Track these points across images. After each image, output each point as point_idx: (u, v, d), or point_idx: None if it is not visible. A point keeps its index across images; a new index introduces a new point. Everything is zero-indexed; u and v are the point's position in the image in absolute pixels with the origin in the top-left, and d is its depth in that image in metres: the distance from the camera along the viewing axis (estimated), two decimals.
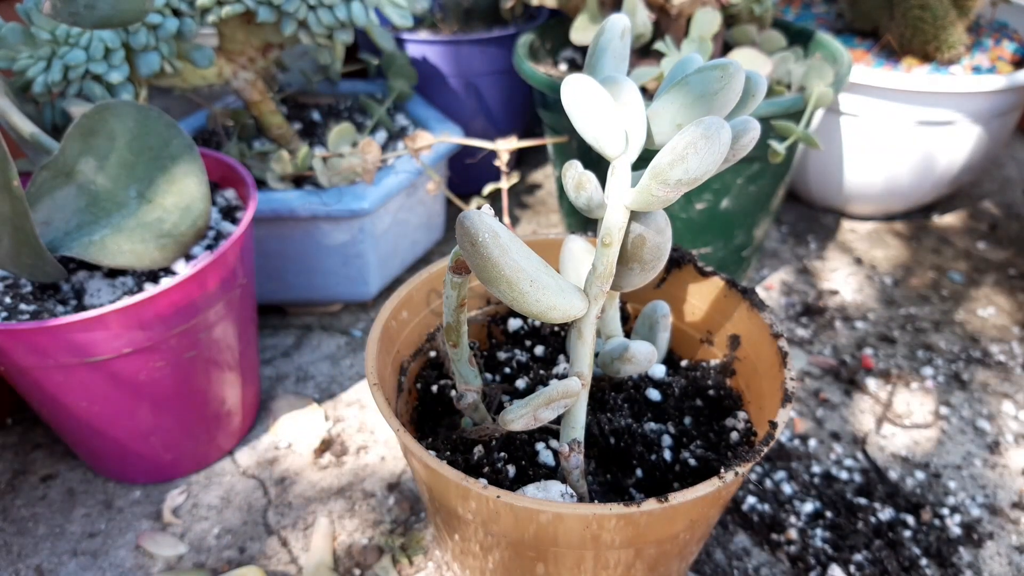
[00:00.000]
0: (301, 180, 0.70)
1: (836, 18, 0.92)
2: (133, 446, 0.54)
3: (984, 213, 0.93)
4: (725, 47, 0.73)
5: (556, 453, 0.36)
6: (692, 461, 0.38)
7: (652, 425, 0.41)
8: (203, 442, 0.58)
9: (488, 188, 0.75)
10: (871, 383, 0.67)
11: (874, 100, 0.79)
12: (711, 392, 0.43)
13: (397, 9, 0.65)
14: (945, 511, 0.55)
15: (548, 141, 0.73)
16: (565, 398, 0.32)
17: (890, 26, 0.83)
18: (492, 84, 0.86)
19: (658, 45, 0.66)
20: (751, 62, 0.67)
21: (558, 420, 0.36)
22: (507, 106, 0.88)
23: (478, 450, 0.37)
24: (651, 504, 0.32)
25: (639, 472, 0.39)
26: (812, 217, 0.92)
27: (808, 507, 0.55)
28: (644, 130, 0.30)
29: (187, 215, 0.50)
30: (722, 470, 0.33)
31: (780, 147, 0.61)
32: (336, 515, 0.55)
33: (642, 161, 0.33)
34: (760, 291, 0.79)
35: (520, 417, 0.31)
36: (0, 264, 0.46)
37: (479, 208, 0.83)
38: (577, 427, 0.34)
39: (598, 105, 0.28)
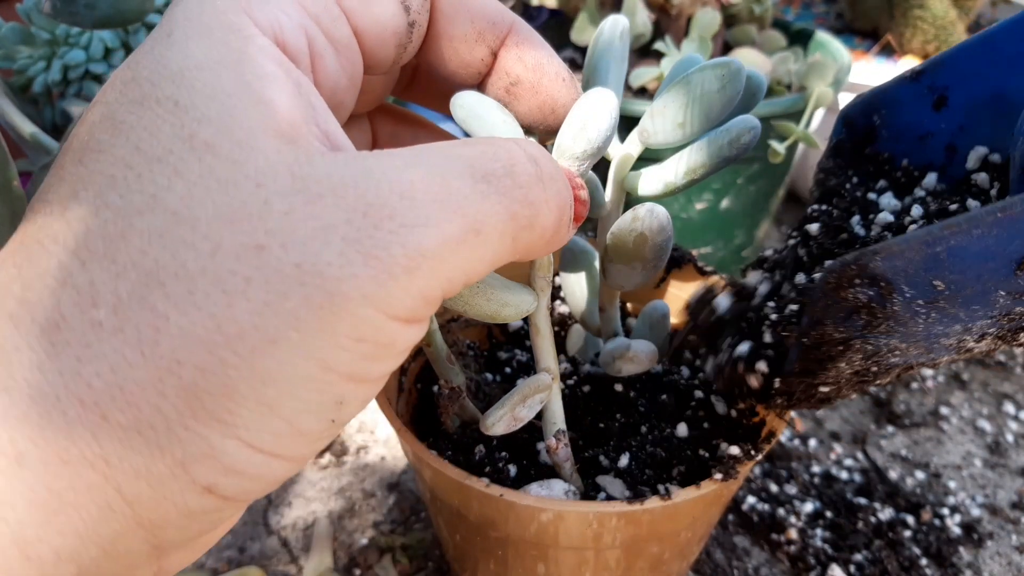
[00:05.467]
0: None
1: (836, 18, 0.93)
2: None
3: None
4: (725, 47, 0.73)
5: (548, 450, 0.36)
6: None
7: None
8: None
9: None
10: None
11: None
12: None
13: None
14: (945, 511, 0.55)
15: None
16: (538, 392, 0.32)
17: (890, 26, 0.83)
18: None
19: (658, 45, 0.66)
20: (751, 62, 0.67)
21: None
22: None
23: (479, 449, 0.37)
24: (653, 502, 0.32)
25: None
26: None
27: (808, 507, 0.55)
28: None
29: None
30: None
31: (780, 147, 0.61)
32: (336, 515, 0.55)
33: (642, 160, 0.33)
34: None
35: (500, 419, 0.31)
36: None
37: None
38: (557, 420, 0.34)
39: (492, 116, 0.27)
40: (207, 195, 0.17)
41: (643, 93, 0.69)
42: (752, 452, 0.35)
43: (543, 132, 0.28)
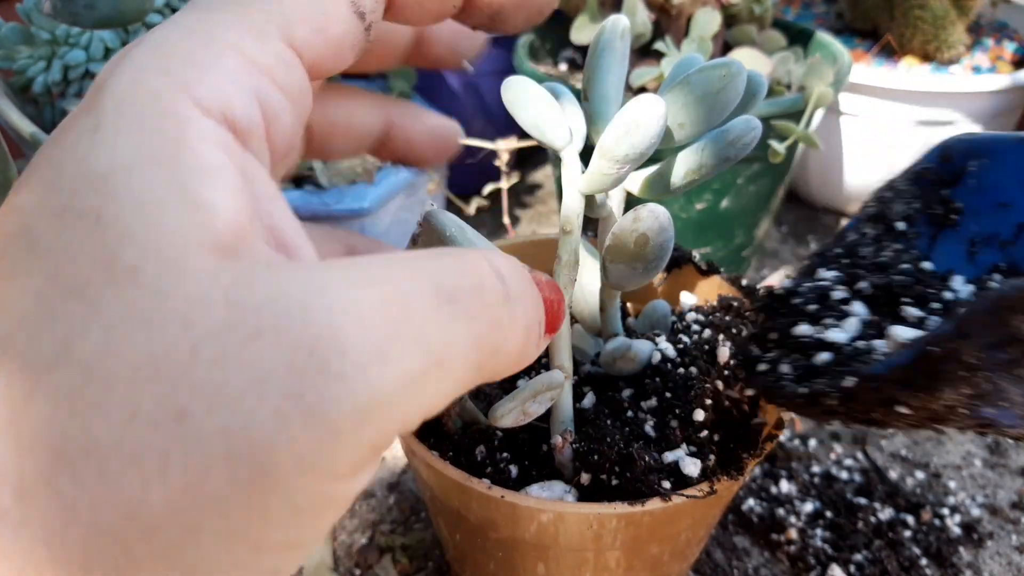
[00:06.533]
0: (301, 180, 0.70)
1: (836, 18, 0.92)
2: None
3: None
4: (725, 47, 0.73)
5: (552, 449, 0.36)
6: None
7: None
8: None
9: (488, 188, 0.75)
10: None
11: (874, 100, 0.79)
12: None
13: None
14: (945, 511, 0.55)
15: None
16: (550, 390, 0.32)
17: (890, 26, 0.83)
18: (492, 84, 0.86)
19: (658, 45, 0.66)
20: (751, 62, 0.67)
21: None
22: None
23: (480, 450, 0.37)
24: (654, 503, 0.32)
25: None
26: (812, 217, 0.92)
27: (808, 507, 0.55)
28: (584, 124, 0.32)
29: None
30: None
31: (780, 147, 0.61)
32: None
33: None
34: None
35: (509, 412, 0.31)
36: None
37: (479, 208, 0.82)
38: (566, 419, 0.34)
39: (540, 103, 0.28)
40: (126, 342, 0.14)
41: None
42: (752, 452, 0.35)
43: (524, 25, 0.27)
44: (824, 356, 0.31)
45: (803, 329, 0.32)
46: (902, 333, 0.29)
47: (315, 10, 0.18)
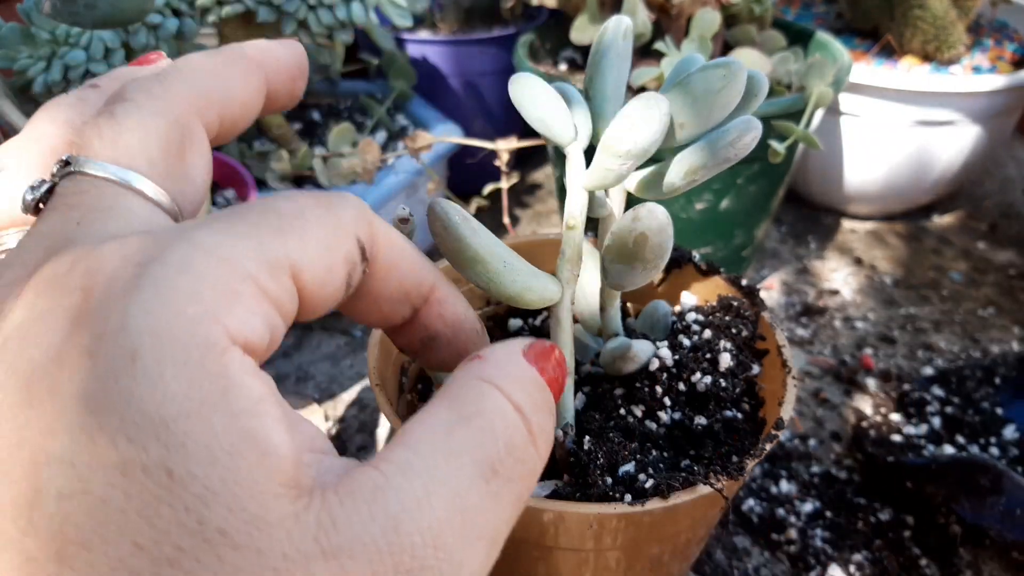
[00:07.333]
0: (301, 180, 0.70)
1: (836, 18, 0.93)
2: None
3: (984, 213, 0.93)
4: (725, 47, 0.73)
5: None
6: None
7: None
8: None
9: (488, 188, 0.75)
10: (871, 383, 0.67)
11: (874, 100, 0.79)
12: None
13: (397, 9, 0.65)
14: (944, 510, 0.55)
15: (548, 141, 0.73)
16: None
17: (890, 26, 0.83)
18: (492, 84, 0.86)
19: (658, 45, 0.66)
20: (751, 62, 0.67)
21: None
22: (507, 106, 0.88)
23: None
24: (655, 503, 0.32)
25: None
26: (812, 217, 0.92)
27: (808, 507, 0.55)
28: (589, 122, 0.32)
29: None
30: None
31: (780, 147, 0.61)
32: None
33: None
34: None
35: None
36: None
37: (479, 208, 0.82)
38: (567, 414, 0.34)
39: (547, 100, 0.29)
40: None
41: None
42: (752, 452, 0.35)
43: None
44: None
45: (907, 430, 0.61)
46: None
47: (323, 262, 0.19)
